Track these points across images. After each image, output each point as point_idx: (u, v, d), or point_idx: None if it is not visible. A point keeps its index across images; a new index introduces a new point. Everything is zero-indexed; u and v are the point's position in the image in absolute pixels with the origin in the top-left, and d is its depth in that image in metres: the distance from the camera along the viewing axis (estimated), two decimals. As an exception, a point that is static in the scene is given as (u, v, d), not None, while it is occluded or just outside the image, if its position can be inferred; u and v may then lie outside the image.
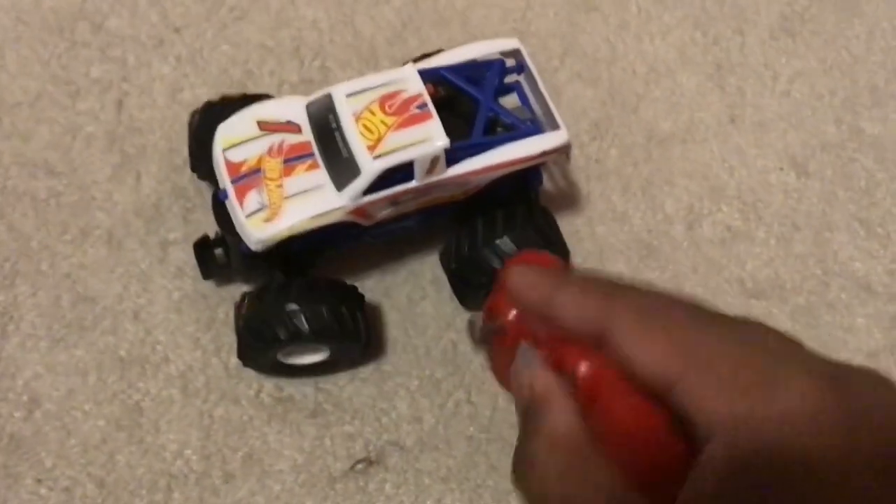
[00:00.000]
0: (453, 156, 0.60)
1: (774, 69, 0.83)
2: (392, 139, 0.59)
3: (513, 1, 0.84)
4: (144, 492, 0.61)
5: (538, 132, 0.64)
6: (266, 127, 0.61)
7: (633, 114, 0.80)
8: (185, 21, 0.80)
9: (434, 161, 0.59)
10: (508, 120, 0.64)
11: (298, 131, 0.61)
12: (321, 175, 0.60)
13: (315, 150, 0.60)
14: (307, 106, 0.62)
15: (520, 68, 0.66)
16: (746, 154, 0.79)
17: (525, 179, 0.67)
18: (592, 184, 0.76)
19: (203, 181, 0.70)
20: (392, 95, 0.60)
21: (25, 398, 0.64)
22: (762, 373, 0.26)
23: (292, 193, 0.59)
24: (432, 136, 0.59)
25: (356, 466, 0.64)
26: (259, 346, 0.62)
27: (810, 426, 0.24)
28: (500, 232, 0.64)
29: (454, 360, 0.68)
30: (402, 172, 0.59)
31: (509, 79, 0.67)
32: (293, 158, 0.60)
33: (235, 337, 0.63)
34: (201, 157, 0.64)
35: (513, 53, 0.66)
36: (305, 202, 0.59)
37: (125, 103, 0.75)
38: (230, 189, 0.60)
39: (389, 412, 0.66)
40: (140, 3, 0.80)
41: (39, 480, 0.61)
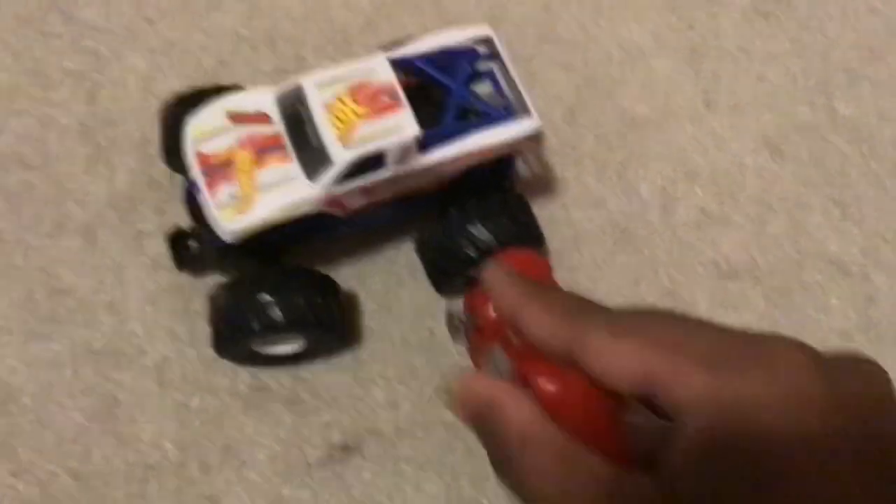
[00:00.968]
0: (425, 144, 0.60)
1: (748, 52, 0.83)
2: (363, 129, 0.59)
3: (487, -14, 0.83)
4: (121, 483, 0.62)
5: (511, 119, 0.64)
6: (236, 118, 0.61)
7: (609, 98, 0.80)
8: (159, 11, 0.80)
9: (406, 150, 0.59)
10: (480, 107, 0.64)
11: (269, 122, 0.61)
12: (293, 166, 0.60)
13: (286, 142, 0.60)
14: (277, 97, 0.62)
15: (492, 55, 0.66)
16: (721, 137, 0.79)
17: (499, 166, 0.67)
18: (568, 169, 0.76)
19: (177, 174, 0.70)
20: (363, 85, 0.60)
21: (1, 393, 0.64)
22: (742, 351, 0.25)
23: (264, 185, 0.59)
24: (403, 126, 0.59)
25: (333, 454, 0.64)
26: (234, 337, 0.62)
27: (792, 407, 0.24)
28: (475, 220, 0.65)
29: (431, 348, 0.68)
30: (375, 162, 0.59)
31: (482, 66, 0.67)
32: (264, 150, 0.60)
33: (210, 328, 0.63)
34: (173, 151, 0.64)
35: (484, 40, 0.66)
36: (277, 193, 0.59)
37: (98, 95, 0.75)
38: (201, 181, 0.60)
39: (366, 400, 0.66)
40: (112, -7, 0.79)
41: (15, 474, 0.61)
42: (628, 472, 0.26)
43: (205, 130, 0.61)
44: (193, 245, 0.64)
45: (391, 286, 0.70)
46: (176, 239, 0.64)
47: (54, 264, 0.68)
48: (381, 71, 0.61)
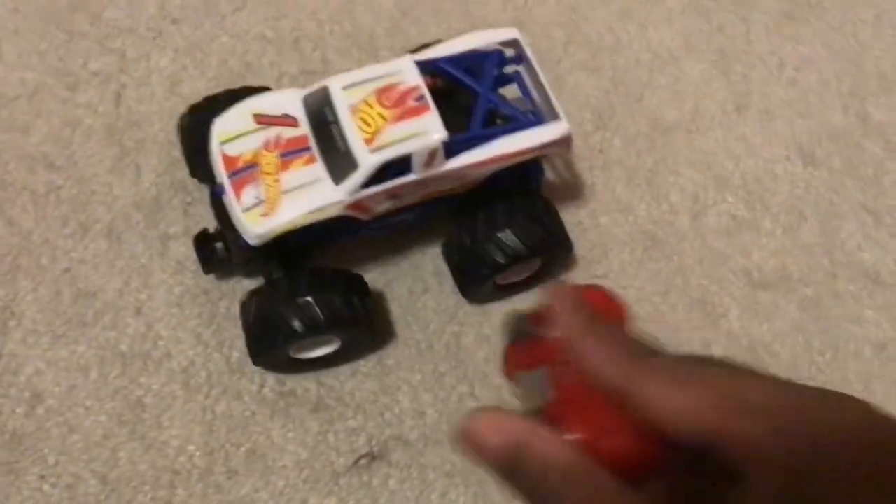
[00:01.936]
0: (452, 148, 0.60)
1: (780, 56, 0.82)
2: (389, 132, 0.58)
3: (514, -11, 0.83)
4: (147, 488, 0.61)
5: (538, 123, 0.63)
6: (263, 120, 0.61)
7: (637, 103, 0.79)
8: (184, 12, 0.79)
9: (432, 154, 0.59)
10: (508, 111, 0.63)
11: (295, 125, 0.61)
12: (319, 169, 0.59)
13: (312, 144, 0.60)
14: (304, 99, 0.61)
15: (519, 58, 0.65)
16: (752, 143, 0.78)
17: (526, 171, 0.66)
18: (596, 174, 0.75)
19: (203, 184, 0.69)
20: (389, 88, 0.59)
21: (27, 394, 0.63)
22: (810, 415, 0.25)
23: (290, 188, 0.59)
24: (430, 129, 0.58)
25: (360, 461, 0.63)
26: (273, 343, 0.61)
27: (858, 444, 0.24)
28: (502, 224, 0.64)
29: (457, 354, 0.67)
30: (401, 166, 0.59)
31: (509, 69, 0.66)
32: (290, 152, 0.60)
33: (244, 335, 0.62)
34: (197, 162, 0.63)
35: (511, 43, 0.65)
36: (303, 196, 0.59)
37: (124, 96, 0.75)
38: (227, 184, 0.59)
39: (392, 407, 0.65)
40: (138, -6, 0.79)
41: (42, 476, 0.61)
42: None
43: (231, 132, 0.61)
44: (220, 248, 0.64)
45: (417, 291, 0.70)
46: (202, 241, 0.64)
47: (80, 266, 0.68)
48: (408, 73, 0.60)
